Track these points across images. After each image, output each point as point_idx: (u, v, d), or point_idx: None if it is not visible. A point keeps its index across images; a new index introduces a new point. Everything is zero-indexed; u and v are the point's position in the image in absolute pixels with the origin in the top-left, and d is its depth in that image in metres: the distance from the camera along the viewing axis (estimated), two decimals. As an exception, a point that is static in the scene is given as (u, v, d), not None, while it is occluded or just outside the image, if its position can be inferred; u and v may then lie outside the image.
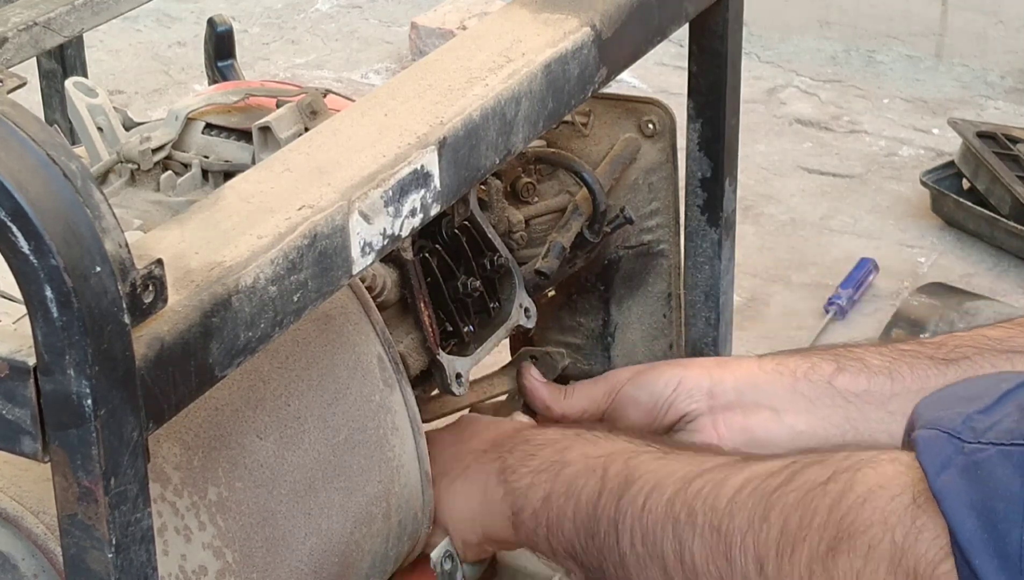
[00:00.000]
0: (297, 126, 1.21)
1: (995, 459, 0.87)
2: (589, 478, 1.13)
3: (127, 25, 3.81)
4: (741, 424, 1.26)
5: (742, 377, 1.27)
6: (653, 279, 1.51)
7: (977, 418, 0.90)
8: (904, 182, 3.09)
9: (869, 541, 0.90)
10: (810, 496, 0.95)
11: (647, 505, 1.07)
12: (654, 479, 1.08)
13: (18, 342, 0.78)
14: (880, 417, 1.23)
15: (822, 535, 0.93)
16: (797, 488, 0.97)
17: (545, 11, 1.19)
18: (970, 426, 0.90)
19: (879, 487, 0.92)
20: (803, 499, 0.96)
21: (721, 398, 1.27)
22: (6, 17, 1.42)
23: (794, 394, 1.25)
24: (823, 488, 0.95)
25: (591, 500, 1.12)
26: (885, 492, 0.91)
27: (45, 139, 0.76)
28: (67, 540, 0.81)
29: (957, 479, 0.87)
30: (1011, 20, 3.52)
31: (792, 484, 0.97)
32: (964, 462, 0.88)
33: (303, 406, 1.11)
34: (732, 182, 1.46)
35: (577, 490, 1.13)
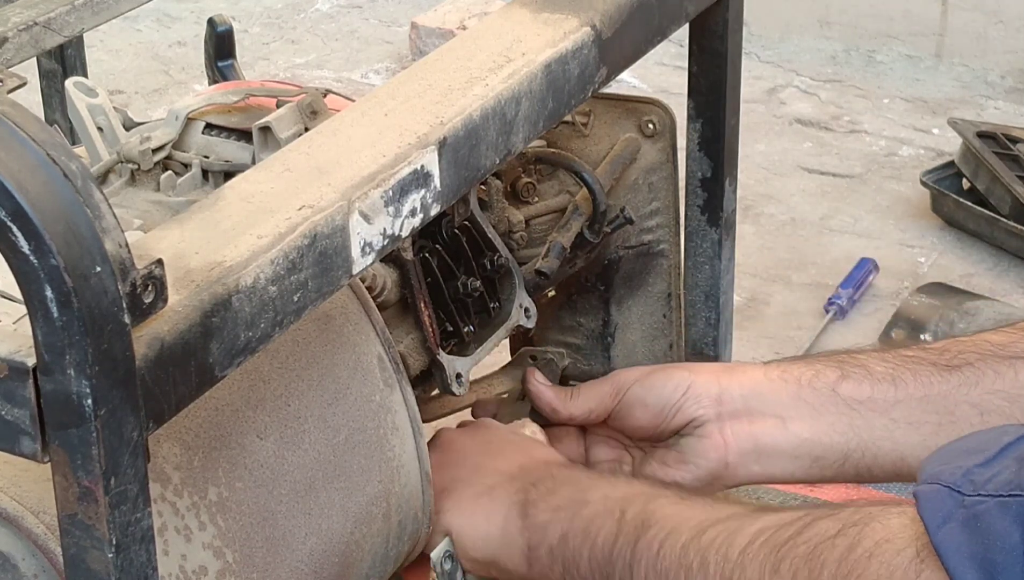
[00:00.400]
0: (297, 126, 1.21)
1: (994, 511, 0.88)
2: (607, 519, 1.14)
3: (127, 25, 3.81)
4: (747, 431, 1.27)
5: (748, 385, 1.28)
6: (653, 279, 1.51)
7: (976, 471, 0.92)
8: (904, 182, 3.09)
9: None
10: (819, 550, 0.97)
11: (661, 551, 1.09)
12: (670, 525, 1.10)
13: (18, 342, 0.78)
14: (884, 424, 1.23)
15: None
16: (807, 541, 0.98)
17: (545, 11, 1.19)
18: (969, 479, 0.91)
19: (884, 541, 0.93)
20: (812, 552, 0.97)
21: (728, 405, 1.27)
22: (6, 17, 1.42)
23: (798, 402, 1.26)
24: (832, 542, 0.96)
25: (608, 542, 1.13)
26: (890, 546, 0.93)
27: (45, 139, 0.76)
28: (67, 540, 0.81)
29: (957, 532, 0.89)
30: (1011, 20, 3.52)
31: (802, 537, 0.99)
32: (964, 515, 0.89)
33: (303, 406, 1.11)
34: (732, 182, 1.46)
35: (595, 531, 1.15)
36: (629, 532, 1.12)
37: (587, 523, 1.15)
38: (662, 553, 1.08)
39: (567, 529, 1.17)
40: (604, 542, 1.13)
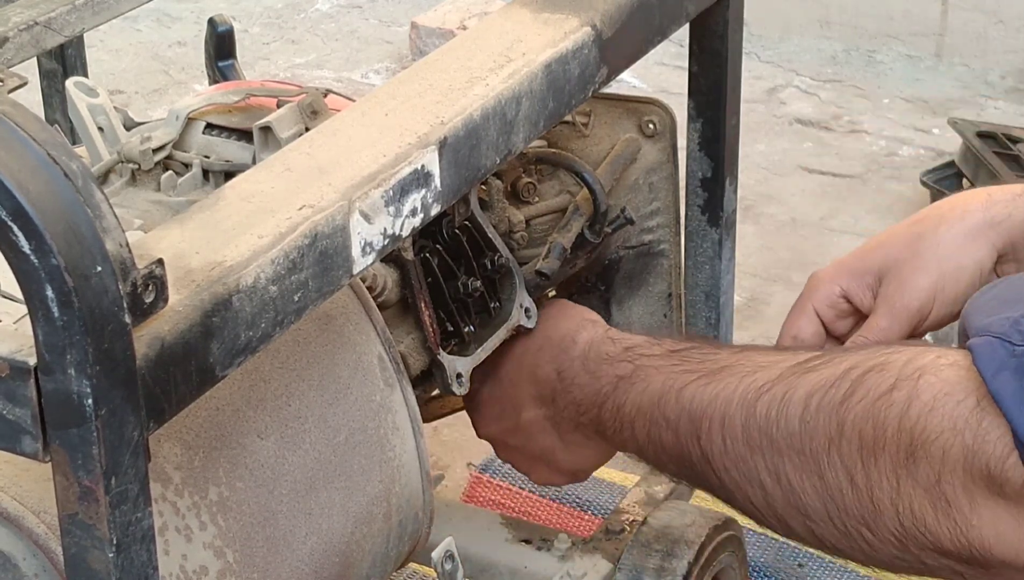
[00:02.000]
0: (298, 126, 1.21)
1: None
2: (657, 428, 1.18)
3: (127, 25, 3.81)
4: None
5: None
6: (654, 279, 1.51)
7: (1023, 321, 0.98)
8: (904, 182, 3.09)
9: (943, 446, 0.98)
10: (877, 407, 1.02)
11: (726, 440, 1.12)
12: (718, 412, 1.12)
13: (19, 342, 0.78)
14: None
15: (898, 444, 1.00)
16: (862, 398, 1.03)
17: (545, 11, 1.19)
18: (1018, 329, 0.97)
19: (944, 394, 0.99)
20: (871, 409, 1.02)
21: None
22: (7, 17, 1.42)
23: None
24: (888, 397, 1.01)
25: (673, 445, 1.16)
26: (951, 399, 0.98)
27: (46, 139, 0.76)
28: (68, 540, 0.81)
29: (1011, 379, 0.96)
30: (1011, 20, 3.52)
31: (856, 395, 1.03)
32: (1016, 363, 0.96)
33: (304, 406, 1.11)
34: (732, 182, 1.46)
35: (656, 439, 1.18)
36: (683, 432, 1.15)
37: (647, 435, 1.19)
38: (727, 441, 1.12)
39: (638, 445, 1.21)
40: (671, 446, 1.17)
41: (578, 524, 1.88)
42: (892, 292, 1.29)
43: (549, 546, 1.43)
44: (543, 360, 1.31)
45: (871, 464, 1.02)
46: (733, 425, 1.11)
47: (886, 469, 1.01)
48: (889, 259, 1.32)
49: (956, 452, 0.97)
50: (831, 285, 1.33)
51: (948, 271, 1.28)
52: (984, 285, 1.27)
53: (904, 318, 1.28)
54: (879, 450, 1.01)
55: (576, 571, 1.38)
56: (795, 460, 1.07)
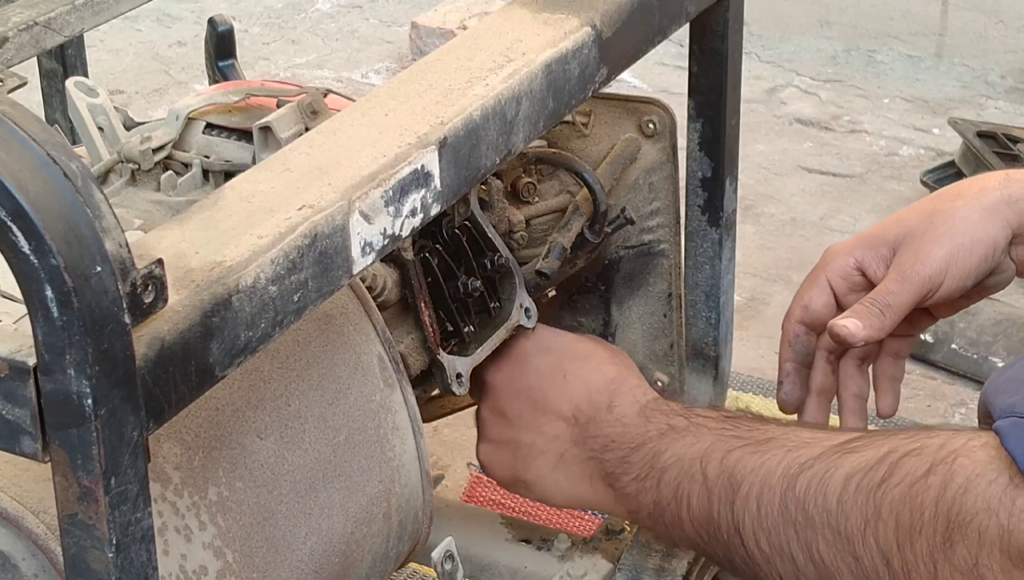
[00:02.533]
0: (298, 126, 1.21)
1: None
2: (692, 484, 1.17)
3: (127, 25, 3.81)
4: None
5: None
6: (654, 279, 1.51)
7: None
8: (904, 182, 3.09)
9: (978, 527, 0.98)
10: (915, 491, 1.02)
11: (762, 509, 1.12)
12: (759, 480, 1.12)
13: (18, 342, 0.78)
14: None
15: (935, 527, 1.00)
16: (900, 482, 1.03)
17: (545, 11, 1.19)
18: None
19: (976, 475, 0.99)
20: (908, 493, 1.02)
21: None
22: (6, 17, 1.42)
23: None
24: (925, 482, 1.02)
25: (702, 506, 1.16)
26: (983, 479, 0.99)
27: (46, 139, 0.76)
28: (67, 540, 0.81)
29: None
30: (1011, 20, 3.52)
31: (894, 479, 1.04)
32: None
33: (303, 406, 1.11)
34: (732, 182, 1.46)
35: (684, 496, 1.18)
36: (720, 493, 1.14)
37: (674, 490, 1.18)
38: (763, 511, 1.11)
39: (657, 498, 1.20)
40: (699, 506, 1.16)
41: (578, 524, 1.88)
42: (905, 260, 1.27)
43: (549, 546, 1.43)
44: (597, 381, 1.29)
45: (907, 548, 1.02)
46: (772, 496, 1.11)
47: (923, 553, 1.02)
48: (905, 231, 1.29)
49: (992, 533, 0.98)
50: (846, 257, 1.32)
51: (963, 244, 1.26)
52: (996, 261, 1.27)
53: (915, 284, 1.25)
54: (916, 534, 1.02)
55: (576, 571, 1.38)
56: (829, 538, 1.07)
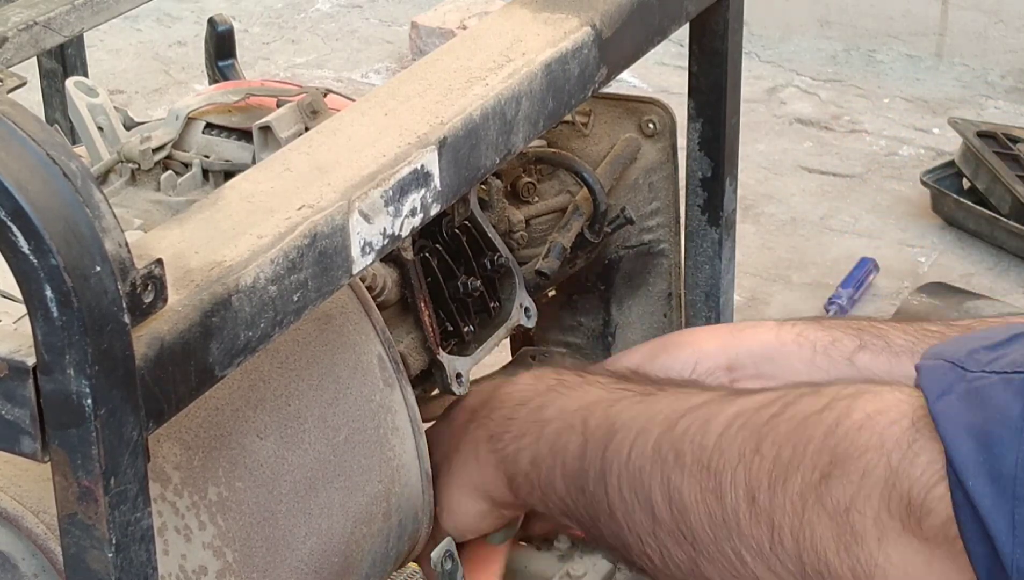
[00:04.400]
0: (297, 126, 1.21)
1: (997, 386, 0.86)
2: (570, 435, 1.10)
3: (127, 24, 3.81)
4: None
5: (759, 350, 1.24)
6: (654, 279, 1.51)
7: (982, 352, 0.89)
8: (904, 181, 3.09)
9: (864, 466, 0.88)
10: (805, 424, 0.93)
11: (633, 452, 1.04)
12: (638, 425, 1.05)
13: (18, 342, 0.78)
14: None
15: (816, 462, 0.91)
16: (791, 418, 0.94)
17: (545, 11, 1.19)
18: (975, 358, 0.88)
19: (877, 412, 0.90)
20: (797, 428, 0.93)
21: (740, 371, 1.24)
22: (6, 16, 1.42)
23: (812, 368, 1.21)
24: (818, 416, 0.92)
25: (576, 456, 1.09)
26: (883, 417, 0.89)
27: (45, 139, 0.76)
28: (67, 540, 0.81)
29: (956, 403, 0.86)
30: (1011, 19, 3.52)
31: (785, 414, 0.95)
32: (965, 388, 0.86)
33: (303, 406, 1.11)
34: (732, 182, 1.46)
35: (561, 448, 1.10)
36: (596, 441, 1.07)
37: (552, 443, 1.11)
38: (633, 453, 1.03)
39: (535, 453, 1.13)
40: (573, 457, 1.09)
41: (578, 524, 1.88)
42: None
43: (549, 546, 1.43)
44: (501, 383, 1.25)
45: (779, 485, 0.92)
46: (647, 438, 1.03)
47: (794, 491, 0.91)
48: None
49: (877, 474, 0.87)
50: None
51: None
52: None
53: None
54: (792, 470, 0.92)
55: (576, 571, 1.38)
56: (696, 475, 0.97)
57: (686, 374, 1.25)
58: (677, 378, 1.24)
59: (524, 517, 1.28)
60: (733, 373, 1.25)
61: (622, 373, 1.18)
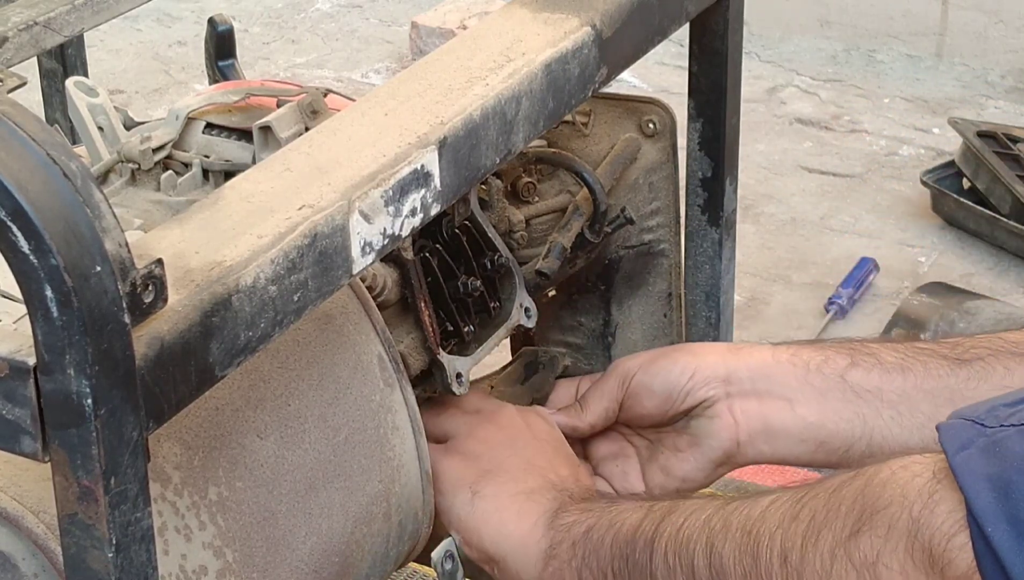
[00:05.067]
0: (298, 126, 1.21)
1: (1014, 437, 0.88)
2: (634, 512, 1.14)
3: (127, 24, 3.81)
4: (757, 410, 1.27)
5: (755, 366, 1.28)
6: (654, 279, 1.51)
7: (1001, 409, 0.91)
8: (904, 181, 3.09)
9: (888, 519, 0.91)
10: (839, 490, 0.96)
11: (685, 523, 1.09)
12: (695, 506, 1.10)
13: (18, 342, 0.78)
14: (890, 414, 1.23)
15: (846, 521, 0.94)
16: (828, 487, 0.98)
17: (545, 11, 1.19)
18: (994, 414, 0.90)
19: (900, 468, 0.93)
20: (832, 494, 0.97)
21: (737, 385, 1.27)
22: (6, 16, 1.42)
23: (805, 386, 1.26)
24: (851, 481, 0.96)
25: (632, 527, 1.13)
26: (905, 472, 0.92)
27: (45, 139, 0.76)
28: (67, 539, 0.81)
29: (976, 456, 0.88)
30: (1011, 20, 3.52)
31: (822, 486, 0.99)
32: (985, 442, 0.88)
33: (303, 406, 1.11)
34: (732, 182, 1.46)
35: (620, 521, 1.15)
36: (655, 516, 1.12)
37: (614, 516, 1.15)
38: (685, 525, 1.08)
39: (593, 523, 1.16)
40: (629, 528, 1.13)
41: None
42: None
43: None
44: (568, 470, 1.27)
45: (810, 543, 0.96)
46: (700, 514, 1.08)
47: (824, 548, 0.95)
48: None
49: (901, 526, 0.90)
50: None
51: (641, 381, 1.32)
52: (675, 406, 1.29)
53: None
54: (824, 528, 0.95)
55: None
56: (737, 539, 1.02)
57: (683, 380, 1.28)
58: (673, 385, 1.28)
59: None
60: (729, 385, 1.27)
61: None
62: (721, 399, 1.28)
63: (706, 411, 1.28)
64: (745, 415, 1.27)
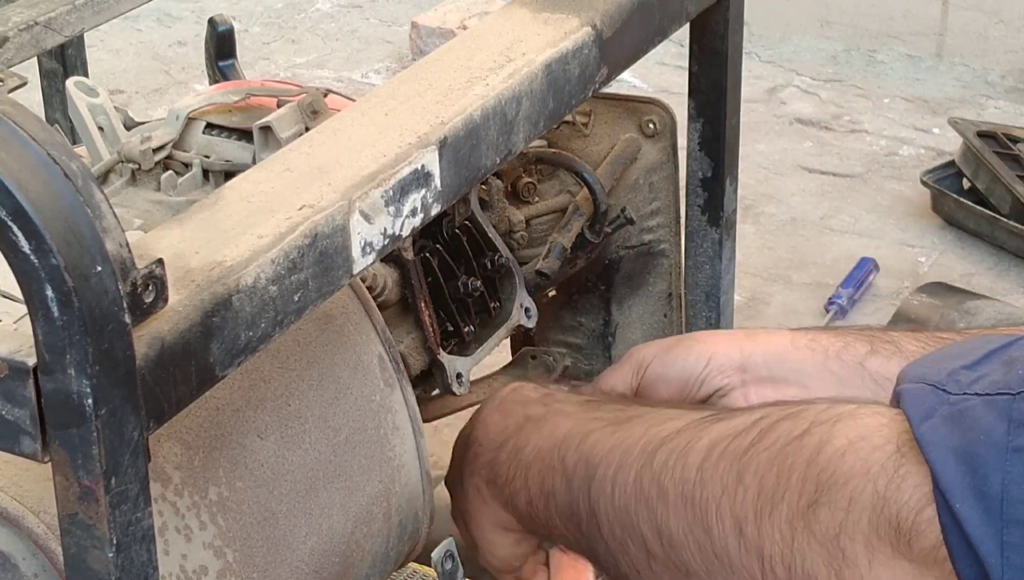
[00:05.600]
0: (298, 126, 1.21)
1: (979, 408, 0.86)
2: (553, 476, 1.11)
3: (128, 25, 3.81)
4: (773, 398, 1.24)
5: (772, 351, 1.25)
6: (654, 279, 1.51)
7: (962, 373, 0.90)
8: (904, 181, 3.09)
9: (850, 492, 0.89)
10: (785, 452, 0.93)
11: (616, 490, 1.04)
12: (616, 459, 1.05)
13: (18, 342, 0.78)
14: None
15: (801, 490, 0.91)
16: (770, 445, 0.94)
17: (546, 11, 1.19)
18: (955, 379, 0.89)
19: (860, 438, 0.90)
20: (778, 456, 0.93)
21: (752, 372, 1.25)
22: (7, 17, 1.42)
23: (824, 372, 1.23)
24: (799, 442, 0.93)
25: (564, 498, 1.10)
26: (866, 443, 0.89)
27: (46, 138, 0.76)
28: (68, 539, 0.81)
29: (941, 426, 0.86)
30: (1011, 20, 3.52)
31: (764, 442, 0.95)
32: (948, 411, 0.87)
33: (304, 406, 1.11)
34: (733, 182, 1.46)
35: (548, 491, 1.11)
36: (578, 480, 1.08)
37: (539, 485, 1.12)
38: (616, 492, 1.04)
39: (528, 495, 1.13)
40: (562, 498, 1.10)
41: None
42: None
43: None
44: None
45: (765, 515, 0.93)
46: (627, 474, 1.04)
47: (781, 520, 0.92)
48: None
49: (865, 500, 0.88)
50: None
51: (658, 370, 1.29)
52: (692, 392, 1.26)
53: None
54: (778, 499, 0.92)
55: (576, 571, 1.38)
56: (680, 509, 0.99)
57: (699, 369, 1.26)
58: (688, 374, 1.25)
59: None
60: (745, 373, 1.26)
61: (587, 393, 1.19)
62: (737, 387, 1.26)
63: (722, 399, 1.26)
64: (761, 402, 1.25)
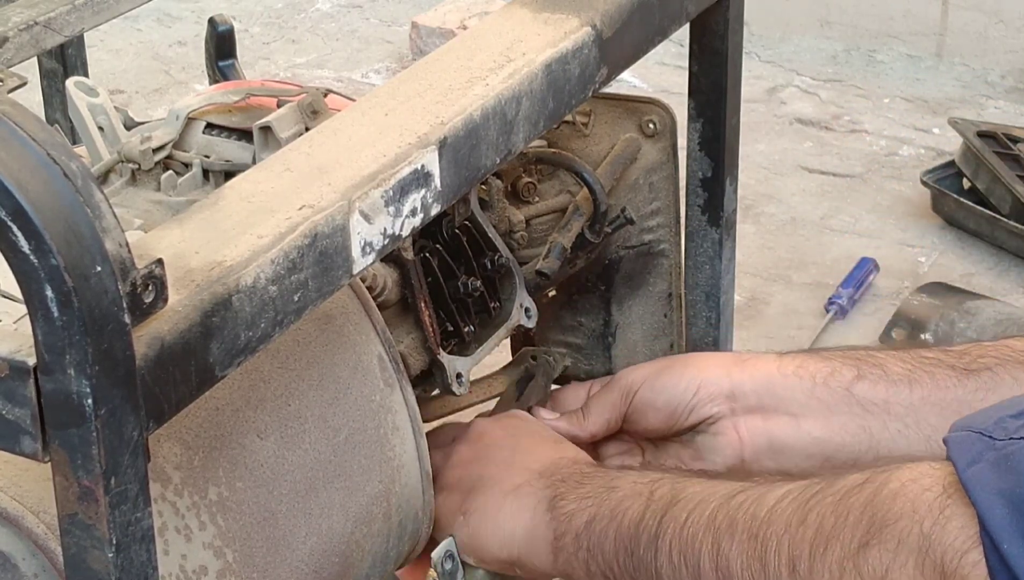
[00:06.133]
0: (298, 126, 1.21)
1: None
2: (635, 500, 1.13)
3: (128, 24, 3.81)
4: (761, 427, 1.26)
5: (760, 379, 1.27)
6: (654, 279, 1.51)
7: (1009, 420, 0.91)
8: (904, 181, 3.09)
9: (898, 534, 0.90)
10: (846, 497, 0.96)
11: (689, 519, 1.08)
12: (698, 497, 1.09)
13: (18, 342, 0.78)
14: (897, 427, 1.23)
15: (854, 532, 0.93)
16: (835, 493, 0.97)
17: (545, 11, 1.19)
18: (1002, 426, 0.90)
19: (911, 481, 0.92)
20: (840, 501, 0.96)
21: (742, 401, 1.27)
22: (7, 16, 1.42)
23: (812, 399, 1.25)
24: (859, 489, 0.96)
25: (634, 520, 1.12)
26: (916, 485, 0.91)
27: (46, 138, 0.76)
28: (67, 540, 0.81)
29: (987, 470, 0.88)
30: (1011, 20, 3.52)
31: (830, 490, 0.98)
32: (995, 456, 0.88)
33: (304, 406, 1.11)
34: (733, 182, 1.46)
35: (622, 512, 1.13)
36: (657, 508, 1.10)
37: (615, 505, 1.14)
38: (689, 521, 1.07)
39: (594, 514, 1.15)
40: (631, 520, 1.12)
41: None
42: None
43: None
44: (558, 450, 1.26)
45: (819, 553, 0.95)
46: (704, 509, 1.07)
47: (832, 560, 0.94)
48: None
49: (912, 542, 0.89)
50: None
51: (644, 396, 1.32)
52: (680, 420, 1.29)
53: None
54: (833, 539, 0.95)
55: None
56: (744, 543, 1.01)
57: (688, 397, 1.27)
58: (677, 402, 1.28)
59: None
60: (734, 402, 1.27)
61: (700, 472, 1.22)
62: (726, 416, 1.27)
63: (711, 428, 1.28)
64: (750, 432, 1.26)
